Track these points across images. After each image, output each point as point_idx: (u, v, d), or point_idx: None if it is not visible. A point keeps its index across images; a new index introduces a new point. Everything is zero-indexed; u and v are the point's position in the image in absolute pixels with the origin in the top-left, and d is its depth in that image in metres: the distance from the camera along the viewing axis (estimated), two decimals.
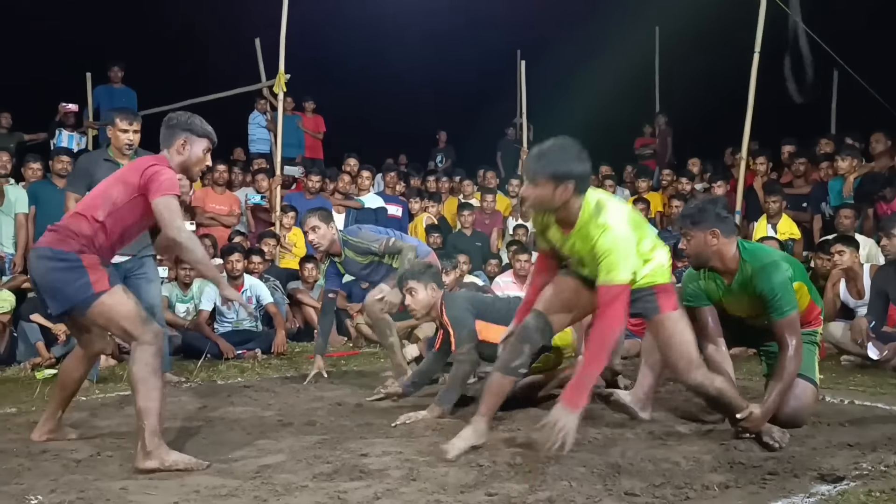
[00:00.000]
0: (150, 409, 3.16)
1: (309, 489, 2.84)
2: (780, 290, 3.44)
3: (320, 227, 5.00)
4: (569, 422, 2.96)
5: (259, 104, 10.38)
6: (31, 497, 2.78)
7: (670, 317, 3.28)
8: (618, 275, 3.03)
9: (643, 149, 12.35)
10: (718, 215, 3.52)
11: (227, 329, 6.77)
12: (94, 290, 3.21)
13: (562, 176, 3.04)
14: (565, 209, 3.13)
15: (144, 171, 3.33)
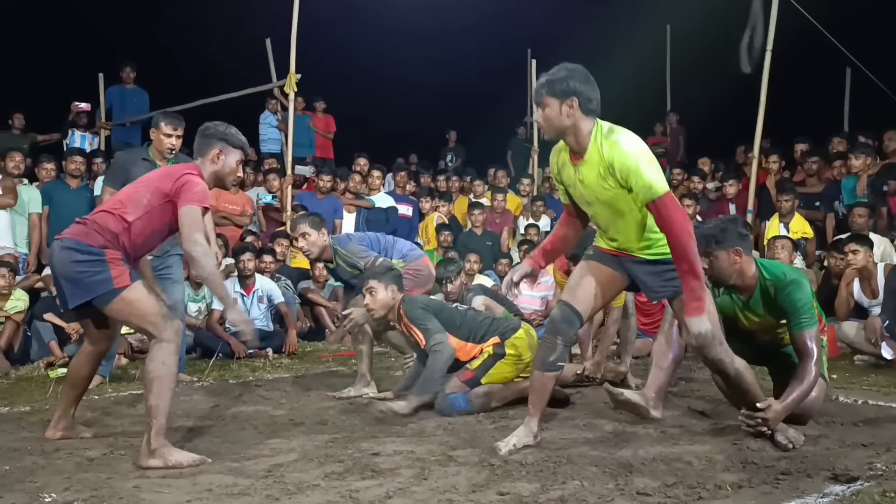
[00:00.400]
0: (161, 408, 3.18)
1: (321, 488, 2.85)
2: (802, 305, 3.47)
3: (310, 234, 4.95)
4: (704, 325, 3.07)
5: (270, 104, 10.41)
6: (45, 495, 2.80)
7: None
8: (655, 188, 3.03)
9: (654, 147, 12.27)
10: (740, 234, 3.56)
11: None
12: (115, 285, 3.22)
13: (564, 91, 3.09)
14: (575, 132, 3.15)
15: (178, 178, 3.36)
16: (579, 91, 3.10)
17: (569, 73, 3.15)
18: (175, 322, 3.28)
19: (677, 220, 3.05)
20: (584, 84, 3.12)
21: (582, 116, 3.12)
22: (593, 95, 3.13)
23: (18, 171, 7.30)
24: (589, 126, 3.14)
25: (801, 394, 3.41)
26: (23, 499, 2.76)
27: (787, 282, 3.52)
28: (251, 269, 6.83)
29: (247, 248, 6.96)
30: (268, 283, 6.95)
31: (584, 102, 3.10)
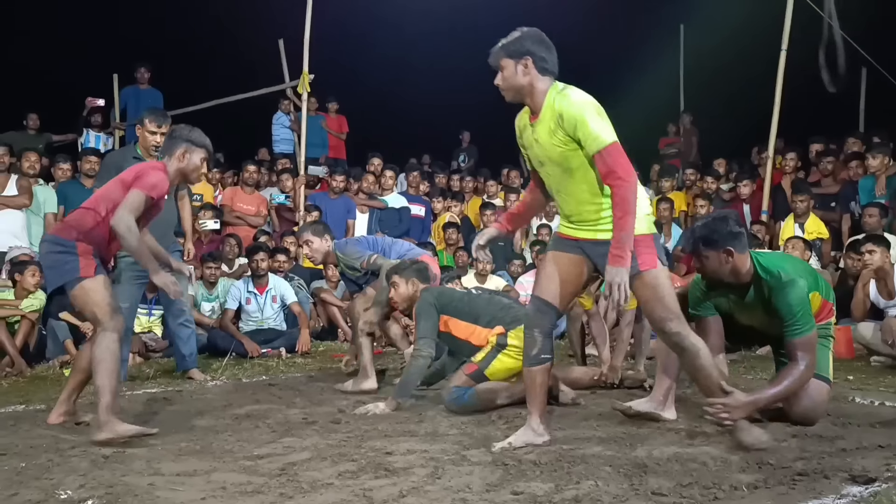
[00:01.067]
0: (106, 387, 3.55)
1: (335, 486, 2.85)
2: (798, 310, 3.39)
3: (313, 242, 5.22)
4: (621, 276, 3.04)
5: (283, 105, 10.43)
6: (61, 492, 2.81)
7: (651, 274, 3.16)
8: (601, 138, 3.05)
9: (668, 148, 12.25)
10: (731, 233, 3.46)
11: (252, 328, 6.81)
12: (80, 274, 3.63)
13: (517, 52, 3.17)
14: (531, 92, 3.20)
15: (138, 170, 3.79)
16: (533, 51, 3.17)
17: (522, 35, 3.24)
18: (120, 316, 3.69)
19: (620, 169, 3.05)
20: (538, 45, 3.20)
21: (537, 76, 3.18)
22: (547, 55, 3.20)
23: (34, 170, 7.36)
24: (545, 85, 3.20)
25: (777, 394, 3.36)
26: (39, 495, 2.78)
27: (782, 282, 3.43)
28: (264, 269, 6.85)
29: (260, 248, 6.98)
30: (281, 283, 6.97)
31: (538, 61, 3.17)
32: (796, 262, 3.72)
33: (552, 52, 3.22)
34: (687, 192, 9.60)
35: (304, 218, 8.38)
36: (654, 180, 10.30)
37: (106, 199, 3.75)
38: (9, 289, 6.24)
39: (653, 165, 11.04)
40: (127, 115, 10.00)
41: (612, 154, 3.06)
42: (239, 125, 10.97)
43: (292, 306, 6.91)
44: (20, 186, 7.01)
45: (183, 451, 3.39)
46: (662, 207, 8.67)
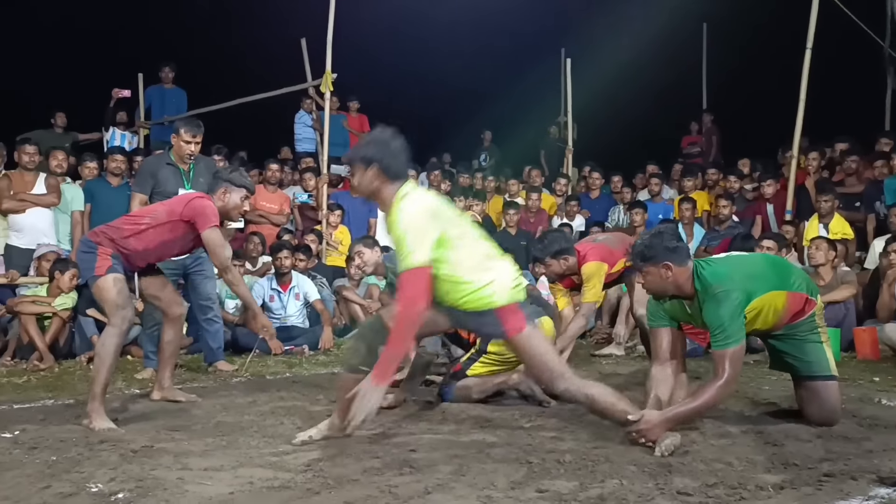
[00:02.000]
0: (97, 379, 3.84)
1: (360, 483, 2.87)
2: (725, 321, 3.36)
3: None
4: (372, 396, 3.11)
5: (305, 104, 10.49)
6: (92, 485, 2.86)
7: (520, 338, 3.24)
8: (405, 260, 3.09)
9: (690, 147, 12.19)
10: (667, 248, 3.47)
11: (275, 325, 6.84)
12: (95, 272, 3.95)
13: (364, 160, 3.23)
14: (379, 196, 3.28)
15: (188, 202, 4.10)
16: (378, 158, 3.22)
17: (370, 141, 3.32)
18: (125, 311, 3.93)
19: (408, 301, 3.09)
20: (384, 151, 3.24)
21: (385, 181, 3.24)
22: (393, 162, 3.24)
23: (61, 169, 7.45)
24: (392, 190, 3.24)
25: (690, 411, 3.33)
26: (70, 488, 2.82)
27: (711, 294, 3.42)
28: (288, 267, 6.90)
29: (283, 246, 7.03)
30: (304, 281, 7.02)
31: (384, 168, 3.22)
32: (747, 268, 3.62)
33: (400, 157, 3.26)
34: (709, 191, 9.54)
35: (326, 216, 8.43)
36: (676, 179, 10.25)
37: (152, 216, 4.09)
38: (41, 285, 6.34)
39: (674, 165, 10.98)
40: (151, 113, 10.10)
41: (409, 278, 3.09)
42: (262, 124, 11.05)
43: (315, 304, 6.96)
44: (49, 185, 7.10)
45: (209, 446, 3.43)
46: (684, 207, 8.62)
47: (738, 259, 3.76)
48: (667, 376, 3.59)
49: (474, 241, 3.27)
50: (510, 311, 3.23)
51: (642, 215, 8.36)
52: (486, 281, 3.20)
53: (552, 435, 3.56)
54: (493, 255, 3.29)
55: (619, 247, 5.01)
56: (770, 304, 3.52)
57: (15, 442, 3.49)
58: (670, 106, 13.20)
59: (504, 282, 3.24)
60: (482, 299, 3.21)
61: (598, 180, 9.90)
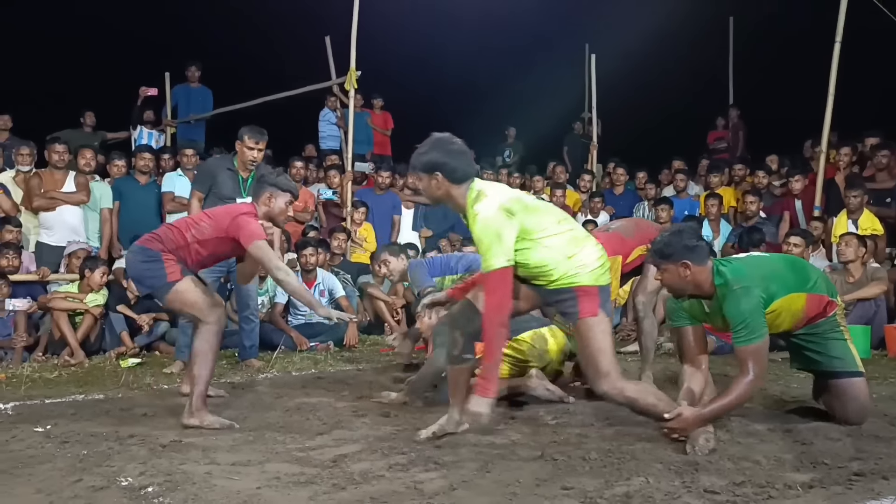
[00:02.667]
0: (202, 377, 3.81)
1: (386, 478, 2.89)
2: (747, 317, 3.34)
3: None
4: (484, 407, 3.08)
5: (329, 101, 10.52)
6: (122, 479, 2.91)
7: (586, 322, 3.20)
8: (487, 261, 3.09)
9: (717, 142, 12.07)
10: (686, 246, 3.45)
11: (301, 322, 6.91)
12: (168, 279, 3.86)
13: (427, 167, 3.22)
14: (450, 199, 3.26)
15: (233, 219, 4.00)
16: (441, 163, 3.20)
17: (430, 147, 3.28)
18: (218, 310, 3.89)
19: (493, 301, 3.10)
20: (447, 155, 3.22)
21: (451, 186, 3.23)
22: (457, 164, 3.22)
23: (90, 167, 7.54)
24: (462, 191, 3.24)
25: (721, 408, 3.31)
26: (101, 482, 2.87)
27: (731, 290, 3.39)
28: (313, 264, 6.94)
29: (308, 243, 7.06)
30: (329, 278, 7.06)
31: (448, 174, 3.21)
32: (767, 268, 3.59)
33: (463, 158, 3.24)
34: (736, 187, 9.45)
35: (350, 214, 8.46)
36: (702, 175, 10.15)
37: (197, 229, 4.02)
38: (73, 282, 6.43)
39: (700, 160, 10.88)
40: (178, 112, 10.20)
41: (493, 280, 3.10)
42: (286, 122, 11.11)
43: (340, 300, 6.99)
44: (78, 183, 7.20)
45: (237, 442, 3.47)
46: (710, 203, 8.55)
47: (758, 259, 3.73)
48: (699, 372, 3.56)
49: (556, 226, 3.23)
50: (589, 292, 3.20)
51: (668, 212, 8.29)
52: (570, 265, 3.18)
53: (577, 432, 3.56)
54: (577, 239, 3.25)
55: (634, 234, 4.83)
56: (789, 306, 3.49)
57: (47, 436, 3.55)
58: (696, 101, 13.07)
59: (589, 264, 3.22)
60: (566, 279, 3.19)
61: (622, 176, 9.83)
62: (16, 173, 7.39)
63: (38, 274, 6.67)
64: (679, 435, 3.23)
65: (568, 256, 3.18)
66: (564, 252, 3.19)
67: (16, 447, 3.37)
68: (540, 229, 3.18)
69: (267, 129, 5.58)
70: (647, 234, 4.86)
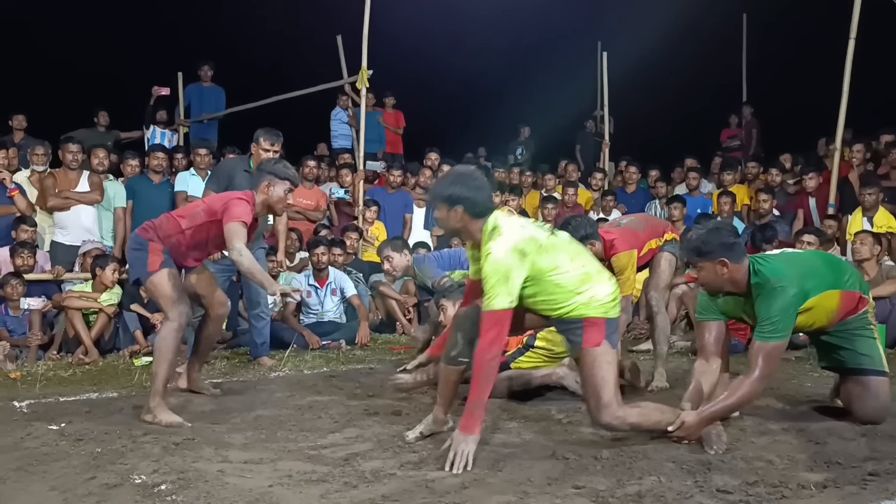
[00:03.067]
0: (159, 374, 3.89)
1: (397, 477, 2.89)
2: (775, 315, 3.32)
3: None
4: (467, 446, 3.04)
5: (341, 100, 10.53)
6: (136, 476, 2.93)
7: (591, 353, 3.19)
8: (490, 301, 3.09)
9: (730, 140, 12.01)
10: (724, 244, 3.43)
11: (313, 320, 6.92)
12: (148, 269, 3.98)
13: (449, 199, 3.23)
14: (467, 232, 3.29)
15: (225, 202, 4.07)
16: (464, 198, 3.21)
17: (454, 181, 3.28)
18: (182, 306, 3.95)
19: (489, 341, 3.09)
20: (469, 190, 3.23)
21: (470, 220, 3.24)
22: (479, 199, 3.23)
23: (103, 167, 7.57)
24: (478, 226, 3.25)
25: (724, 408, 3.31)
26: (115, 479, 2.89)
27: (767, 289, 3.37)
28: (325, 263, 6.95)
29: (320, 242, 7.08)
30: (341, 276, 7.07)
31: (469, 208, 3.22)
32: (803, 265, 3.57)
33: (483, 193, 3.25)
34: (749, 185, 9.39)
35: (362, 213, 8.47)
36: (715, 173, 10.10)
37: (191, 217, 4.11)
38: (87, 281, 6.47)
39: (714, 158, 10.83)
40: (191, 112, 10.24)
41: (490, 320, 3.09)
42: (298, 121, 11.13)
43: (352, 299, 7.00)
44: (92, 183, 7.24)
45: (249, 440, 3.48)
46: (723, 201, 8.50)
47: (794, 256, 3.70)
48: (711, 369, 3.55)
49: (569, 263, 3.23)
50: (596, 323, 3.21)
51: (681, 210, 8.26)
52: (579, 299, 3.20)
53: (589, 431, 3.55)
54: (589, 275, 3.24)
55: (645, 228, 4.81)
56: (824, 304, 3.46)
57: (62, 434, 3.58)
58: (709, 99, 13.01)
59: (600, 298, 3.23)
60: (575, 311, 3.21)
61: (634, 175, 9.79)
62: (31, 173, 7.44)
63: (53, 273, 6.72)
64: (688, 440, 3.23)
65: (578, 292, 3.20)
66: (574, 289, 3.20)
67: (31, 445, 3.40)
68: (552, 267, 3.19)
69: (279, 128, 5.60)
70: (657, 228, 4.86)
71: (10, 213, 6.90)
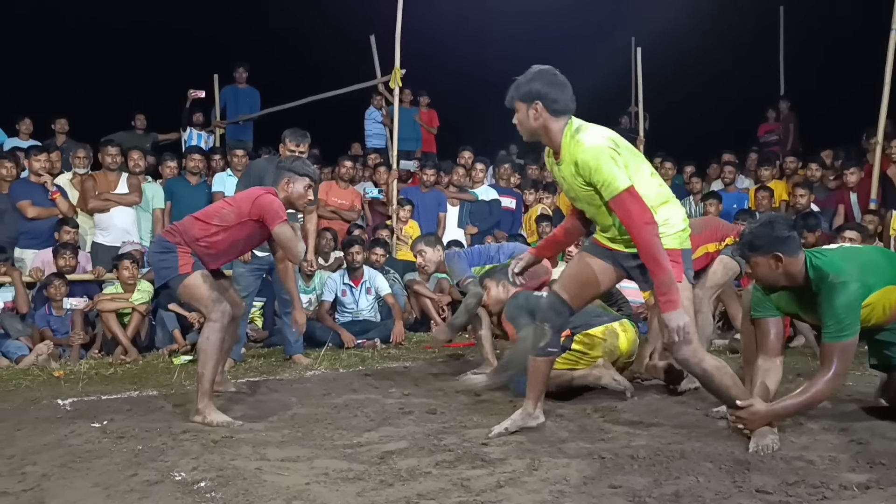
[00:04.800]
0: (205, 375, 3.87)
1: (433, 475, 2.90)
2: (840, 313, 3.22)
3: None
4: (681, 318, 3.03)
5: (374, 100, 10.58)
6: (176, 473, 2.98)
7: None
8: (615, 184, 3.02)
9: (767, 135, 11.81)
10: (777, 238, 3.33)
11: (348, 319, 6.97)
12: (180, 272, 3.97)
13: (528, 95, 3.16)
14: (547, 134, 3.21)
15: (254, 201, 4.08)
16: (543, 93, 3.15)
17: (533, 77, 3.22)
18: (222, 305, 3.95)
19: (636, 215, 3.03)
20: (549, 86, 3.17)
21: (549, 117, 3.17)
22: (559, 96, 3.17)
23: (138, 168, 7.68)
24: (559, 125, 3.19)
25: (797, 405, 3.23)
26: (156, 476, 2.95)
27: (829, 284, 3.27)
28: (360, 262, 6.99)
29: (355, 241, 7.12)
30: (376, 275, 7.11)
31: (548, 104, 3.16)
32: (862, 259, 3.47)
33: (565, 91, 3.19)
34: (787, 180, 9.24)
35: (396, 212, 8.50)
36: (752, 169, 9.94)
37: (220, 217, 4.11)
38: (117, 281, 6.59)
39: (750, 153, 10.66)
40: (227, 113, 10.37)
41: (626, 201, 3.04)
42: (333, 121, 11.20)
43: (386, 298, 7.03)
44: (131, 184, 7.36)
45: (286, 437, 3.52)
46: (761, 196, 8.37)
47: (852, 251, 3.61)
48: (775, 367, 3.47)
49: (650, 177, 3.20)
50: (673, 256, 3.14)
51: (716, 206, 8.14)
52: (659, 220, 3.12)
53: (625, 430, 3.53)
54: (666, 195, 3.21)
55: (701, 232, 4.65)
56: (884, 299, 3.36)
57: (103, 431, 3.65)
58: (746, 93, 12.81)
59: (674, 223, 3.19)
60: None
61: (670, 171, 9.67)
62: (72, 175, 7.60)
63: (94, 273, 6.85)
64: (746, 427, 3.16)
65: (654, 209, 3.11)
66: (654, 204, 3.13)
67: (74, 442, 3.47)
68: (636, 171, 3.14)
69: (313, 128, 5.65)
70: (716, 232, 4.78)
71: (52, 215, 7.05)
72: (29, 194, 7.02)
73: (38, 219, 6.98)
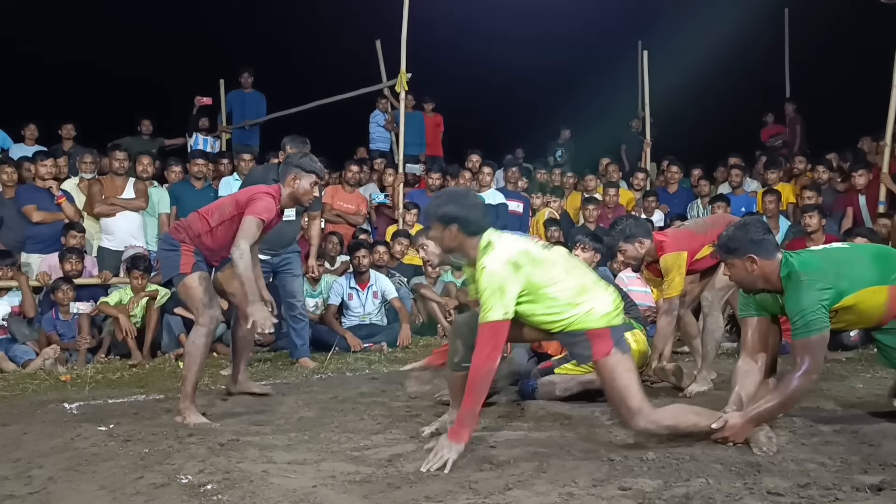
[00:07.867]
0: (188, 378, 3.92)
1: (440, 478, 2.88)
2: (805, 309, 3.21)
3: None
4: (451, 452, 3.02)
5: (380, 104, 10.58)
6: (182, 476, 2.96)
7: (604, 364, 3.16)
8: (486, 313, 3.09)
9: (773, 139, 11.77)
10: (752, 240, 3.34)
11: (355, 323, 6.95)
12: (180, 270, 4.02)
13: (443, 219, 3.24)
14: (463, 252, 3.29)
15: (251, 195, 4.10)
16: (459, 217, 3.22)
17: (448, 200, 3.29)
18: (212, 311, 3.99)
19: (484, 354, 3.08)
20: (463, 209, 3.24)
21: (465, 238, 3.25)
22: (473, 217, 3.24)
23: (147, 174, 7.70)
24: (474, 243, 3.25)
25: (773, 408, 3.21)
26: (162, 479, 2.93)
27: (795, 282, 3.26)
28: (366, 266, 6.98)
29: (361, 245, 7.11)
30: (382, 279, 7.09)
31: (463, 226, 3.23)
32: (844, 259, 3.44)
33: (478, 211, 3.26)
34: (795, 182, 9.20)
35: (402, 216, 8.49)
36: (760, 172, 9.91)
37: (220, 211, 4.15)
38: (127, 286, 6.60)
39: (758, 156, 10.63)
40: (233, 118, 10.38)
41: (485, 331, 3.09)
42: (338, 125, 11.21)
43: (393, 302, 7.02)
44: (137, 189, 7.37)
45: (293, 441, 3.50)
46: (768, 199, 8.34)
47: (837, 252, 3.57)
48: (753, 369, 3.46)
49: (566, 276, 3.22)
50: (600, 334, 3.19)
51: (724, 209, 8.11)
52: (577, 311, 3.18)
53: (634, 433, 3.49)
54: (584, 287, 3.23)
55: (707, 231, 4.63)
56: (868, 300, 3.34)
57: (110, 435, 3.64)
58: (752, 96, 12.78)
59: (600, 310, 3.21)
60: (575, 324, 3.19)
61: (677, 174, 9.65)
62: (79, 180, 7.62)
63: (101, 277, 6.86)
64: (734, 441, 3.17)
65: (575, 304, 3.18)
66: (571, 301, 3.18)
67: (80, 445, 3.47)
68: (547, 281, 3.18)
69: (319, 132, 5.68)
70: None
71: (58, 220, 7.06)
72: (34, 199, 7.03)
73: (43, 223, 6.99)
